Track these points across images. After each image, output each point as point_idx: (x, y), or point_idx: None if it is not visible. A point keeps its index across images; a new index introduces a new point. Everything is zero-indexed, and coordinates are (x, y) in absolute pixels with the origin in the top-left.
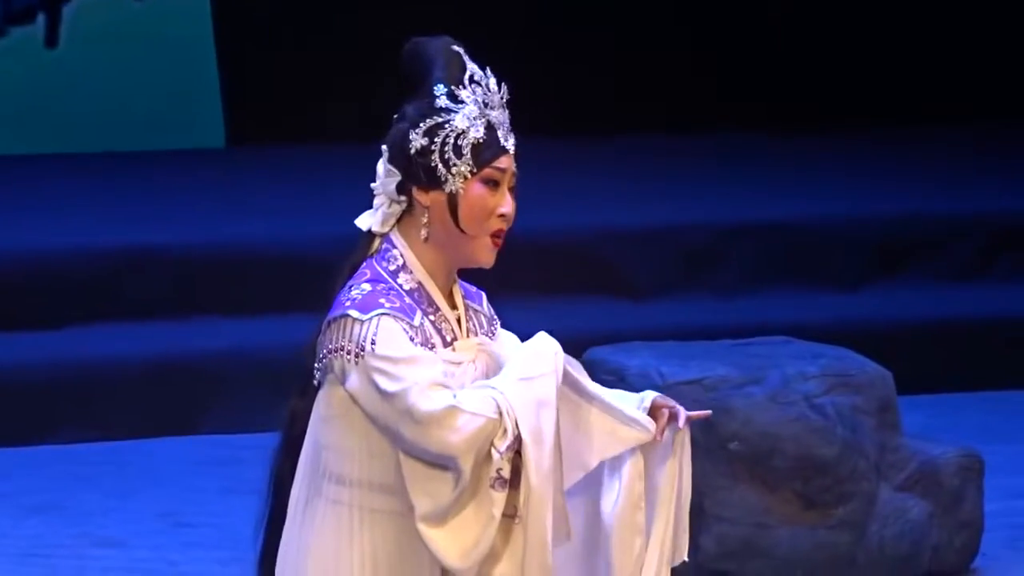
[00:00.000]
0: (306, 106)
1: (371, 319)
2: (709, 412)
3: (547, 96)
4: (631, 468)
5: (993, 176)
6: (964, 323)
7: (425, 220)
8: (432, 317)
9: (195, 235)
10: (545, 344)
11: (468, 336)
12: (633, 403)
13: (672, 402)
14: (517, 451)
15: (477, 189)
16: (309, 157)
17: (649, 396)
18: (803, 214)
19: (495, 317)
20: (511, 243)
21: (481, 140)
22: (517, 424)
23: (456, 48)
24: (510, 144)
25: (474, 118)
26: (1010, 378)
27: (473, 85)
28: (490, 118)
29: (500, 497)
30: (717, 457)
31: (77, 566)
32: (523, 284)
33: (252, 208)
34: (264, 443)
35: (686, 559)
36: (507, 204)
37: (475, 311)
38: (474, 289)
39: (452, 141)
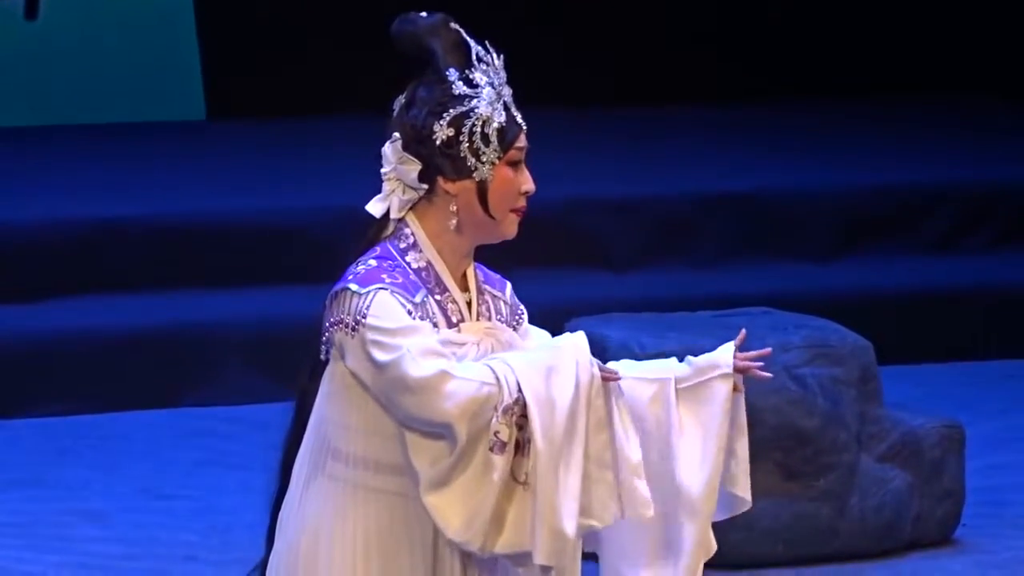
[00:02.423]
0: (287, 79)
1: (368, 292)
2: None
3: (524, 66)
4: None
5: (969, 147)
6: (943, 293)
7: (454, 208)
8: (438, 297)
9: (175, 207)
10: (566, 337)
11: (479, 320)
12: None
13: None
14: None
15: (505, 173)
16: (290, 130)
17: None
18: (781, 184)
19: (521, 308)
20: None
21: (504, 124)
22: (520, 388)
23: (454, 26)
24: (524, 121)
25: (493, 101)
26: (989, 348)
27: (482, 65)
28: (505, 98)
29: (499, 460)
30: None
31: (59, 539)
32: (501, 255)
33: (232, 180)
34: (243, 415)
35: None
36: (529, 181)
37: (493, 297)
38: (498, 277)
39: (479, 130)
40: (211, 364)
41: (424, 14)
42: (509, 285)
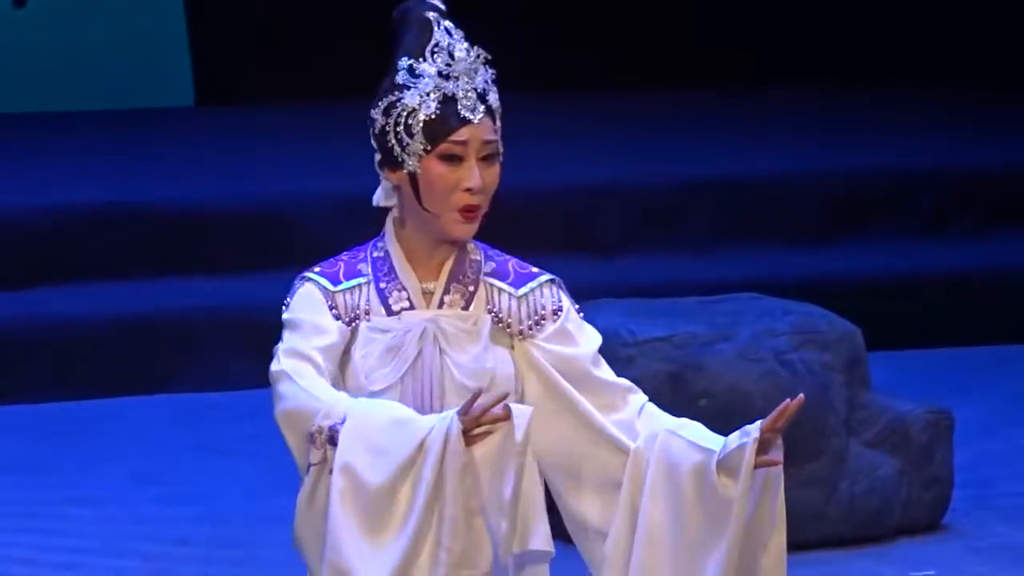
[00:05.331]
0: (277, 65)
1: (299, 282)
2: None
3: (510, 51)
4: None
5: (957, 130)
6: (932, 279)
7: (396, 200)
8: (383, 285)
9: (163, 193)
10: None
11: (440, 308)
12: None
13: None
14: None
15: (435, 167)
16: (279, 116)
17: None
18: (769, 169)
19: (553, 312)
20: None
21: (433, 116)
22: (344, 419)
23: (430, 15)
24: (477, 114)
25: (427, 93)
26: (978, 334)
27: (435, 56)
28: (447, 90)
29: (309, 479)
30: (687, 414)
31: (50, 525)
32: (489, 241)
33: (221, 167)
34: (235, 401)
35: None
36: (472, 178)
37: (499, 291)
38: (528, 272)
39: (404, 120)
40: (202, 350)
41: (425, 1)
42: (541, 293)
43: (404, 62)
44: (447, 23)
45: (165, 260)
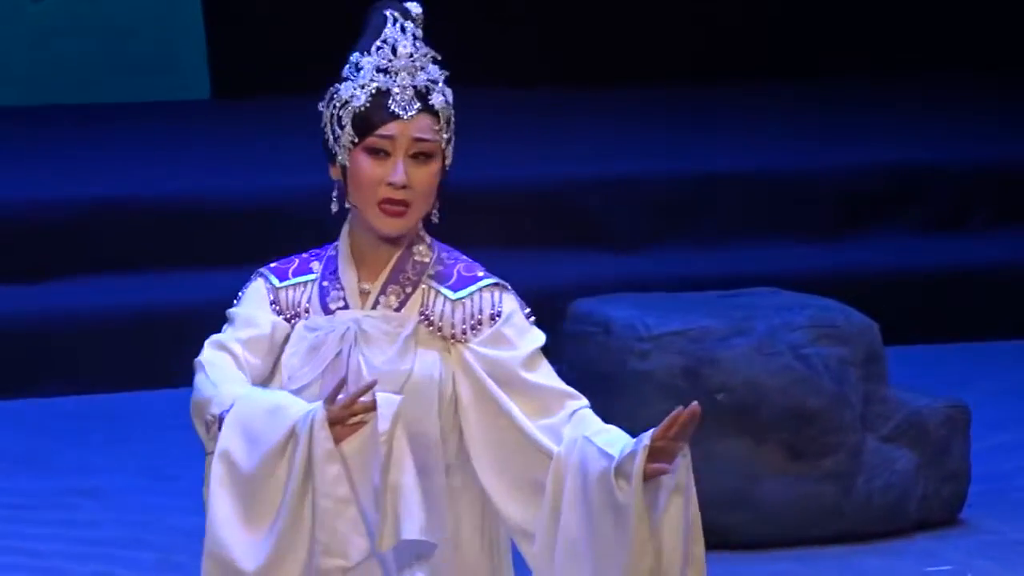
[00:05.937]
0: (293, 57)
1: (252, 276)
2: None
3: (526, 47)
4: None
5: (976, 124)
6: (950, 273)
7: (335, 195)
8: (326, 283)
9: (178, 187)
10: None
11: (374, 308)
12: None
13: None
14: None
15: (360, 159)
16: (295, 109)
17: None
18: (787, 163)
19: (490, 317)
20: (494, 195)
21: (362, 109)
22: (230, 408)
23: (388, 13)
24: (408, 111)
25: (361, 86)
26: (996, 328)
27: (379, 51)
28: (381, 84)
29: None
30: (703, 409)
31: (62, 519)
32: (505, 236)
33: (237, 160)
34: None
35: None
36: (395, 174)
37: (436, 294)
38: (473, 275)
39: (337, 112)
40: None
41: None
42: (487, 295)
43: (353, 57)
44: (406, 22)
45: (178, 254)
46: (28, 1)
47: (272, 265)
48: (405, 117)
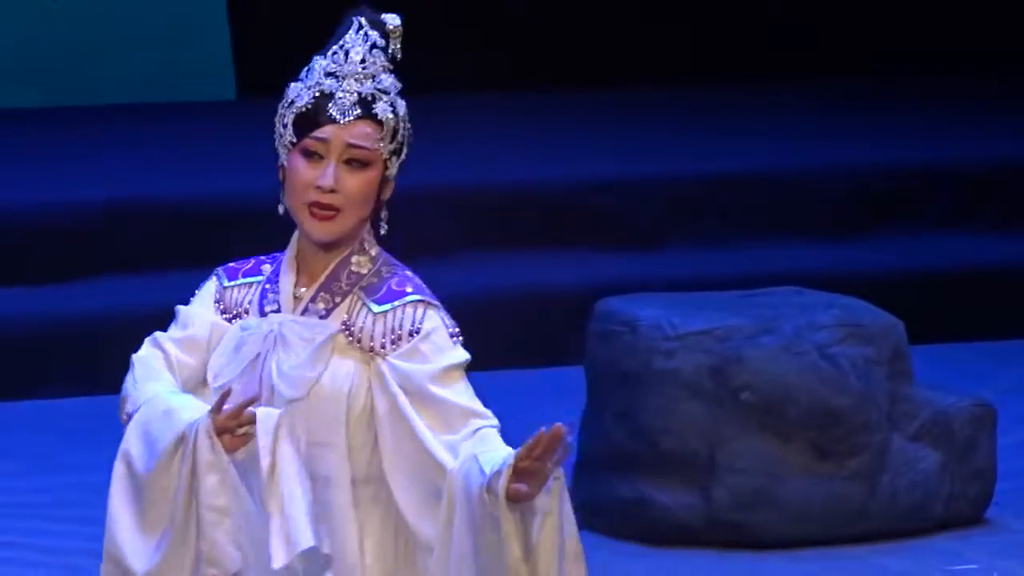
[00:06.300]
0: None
1: (210, 274)
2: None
3: (551, 49)
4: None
5: (1001, 121)
6: (975, 271)
7: (280, 195)
8: (268, 286)
9: (203, 187)
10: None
11: (303, 315)
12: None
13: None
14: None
15: (296, 160)
16: None
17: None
18: (812, 162)
19: (409, 333)
20: (519, 196)
21: (304, 110)
22: (136, 411)
23: (355, 18)
24: (346, 116)
25: (308, 88)
26: (1022, 327)
27: (333, 55)
28: (326, 87)
29: None
30: (729, 408)
31: (79, 518)
32: (531, 236)
33: (262, 160)
34: None
35: None
36: (323, 177)
37: (363, 307)
38: (405, 291)
39: (283, 112)
40: None
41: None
42: (408, 306)
43: (313, 59)
44: (371, 30)
45: (200, 254)
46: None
47: (230, 264)
48: (342, 122)
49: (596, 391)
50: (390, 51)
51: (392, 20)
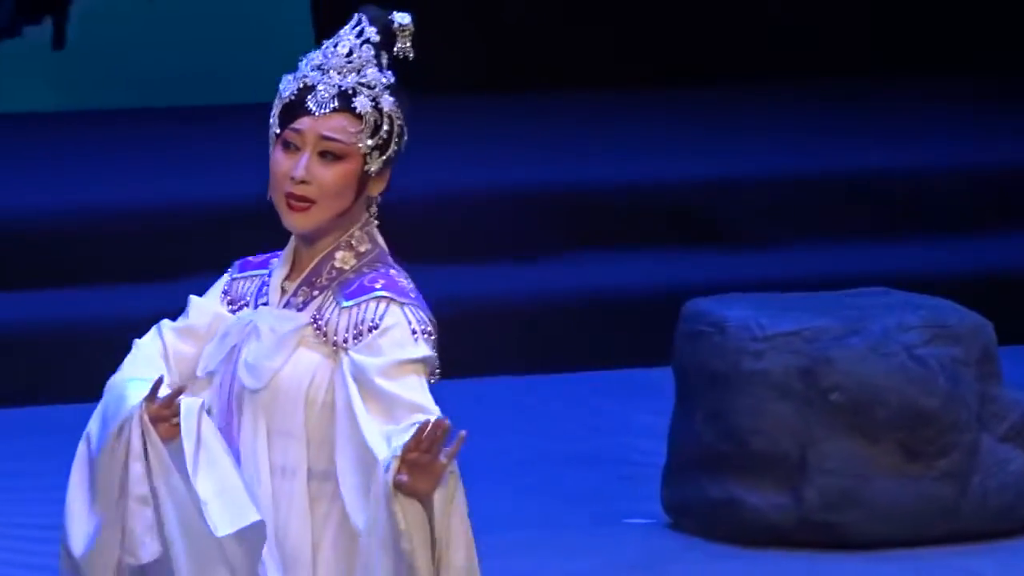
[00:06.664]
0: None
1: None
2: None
3: (642, 47)
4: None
5: None
6: None
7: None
8: (267, 279)
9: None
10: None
11: (285, 307)
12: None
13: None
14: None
15: (276, 152)
16: None
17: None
18: (900, 163)
19: (370, 328)
20: (609, 197)
21: (287, 101)
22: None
23: (358, 14)
24: (323, 109)
25: (294, 80)
26: None
27: (324, 48)
28: (310, 80)
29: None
30: (818, 408)
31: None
32: (620, 237)
33: None
34: None
35: None
36: (295, 168)
37: (337, 304)
38: (377, 287)
39: (274, 103)
40: None
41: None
42: (381, 304)
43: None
44: (369, 27)
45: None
46: (145, 0)
47: (248, 258)
48: (318, 114)
49: (685, 392)
50: (396, 49)
51: (401, 18)
